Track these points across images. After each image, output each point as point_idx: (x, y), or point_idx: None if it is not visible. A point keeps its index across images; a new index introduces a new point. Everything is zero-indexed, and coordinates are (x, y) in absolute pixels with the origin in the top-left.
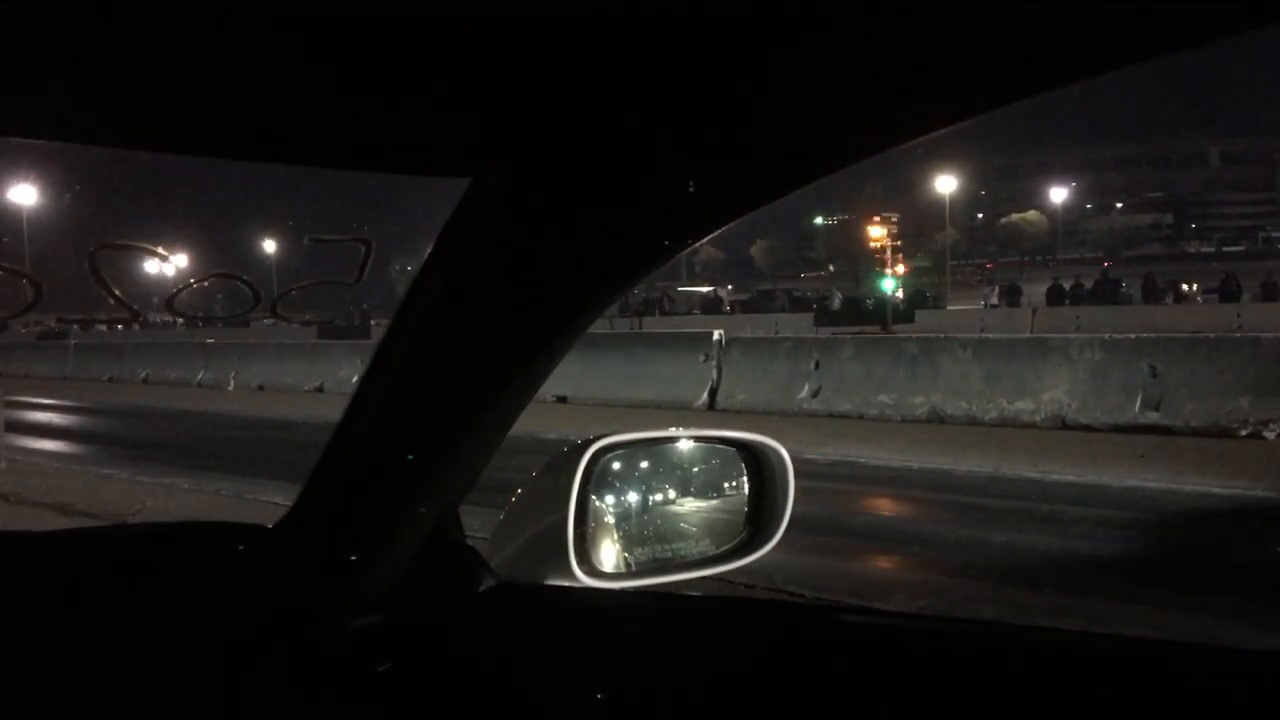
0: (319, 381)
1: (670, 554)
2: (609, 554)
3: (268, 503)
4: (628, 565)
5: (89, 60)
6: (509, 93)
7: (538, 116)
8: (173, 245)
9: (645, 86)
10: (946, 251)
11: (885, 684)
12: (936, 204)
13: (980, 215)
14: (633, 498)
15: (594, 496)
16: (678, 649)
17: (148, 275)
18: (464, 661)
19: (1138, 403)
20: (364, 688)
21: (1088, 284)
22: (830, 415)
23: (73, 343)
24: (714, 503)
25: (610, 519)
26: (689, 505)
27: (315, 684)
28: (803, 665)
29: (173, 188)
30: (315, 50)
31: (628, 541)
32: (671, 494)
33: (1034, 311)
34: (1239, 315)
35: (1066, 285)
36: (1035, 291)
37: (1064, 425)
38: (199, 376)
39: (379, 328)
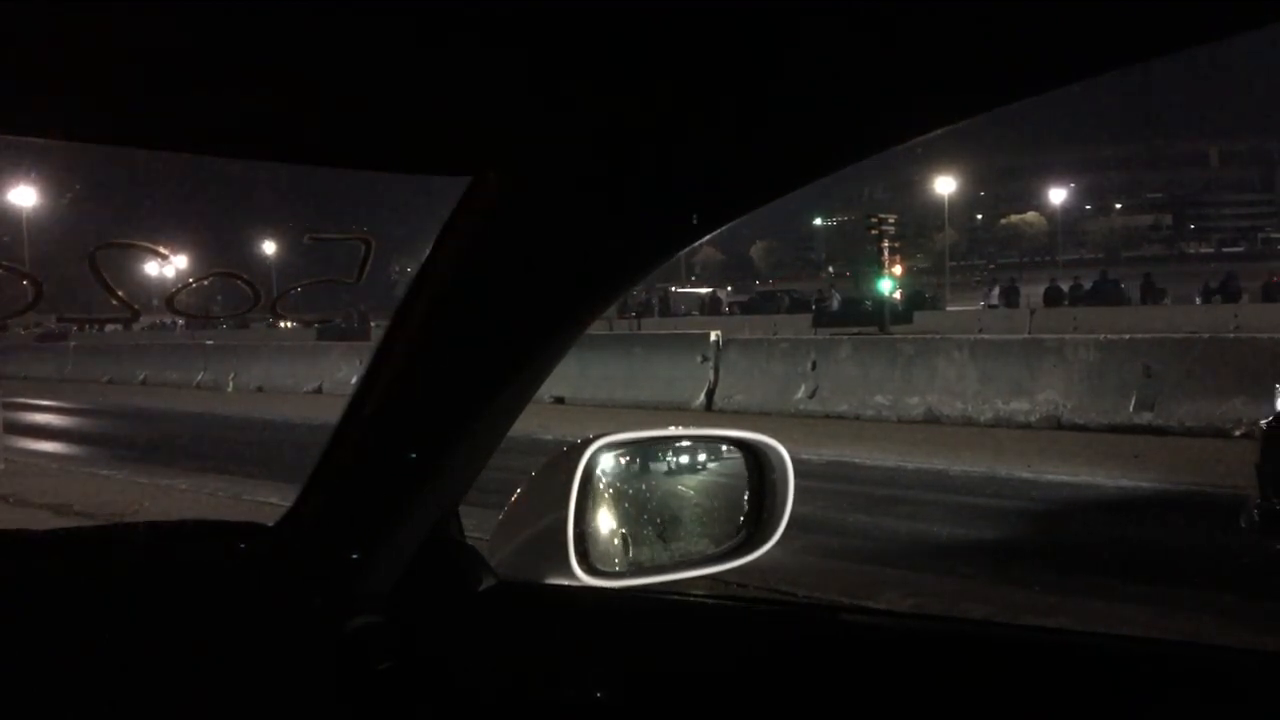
0: (318, 383)
1: (670, 553)
2: (608, 553)
3: (265, 503)
4: (627, 564)
5: (89, 60)
6: (509, 93)
7: (538, 116)
8: (172, 245)
9: (644, 87)
10: (945, 252)
11: (883, 683)
12: (936, 205)
13: (980, 216)
14: (632, 496)
15: (593, 495)
16: (677, 648)
17: (147, 275)
18: (464, 660)
19: (1132, 403)
20: (364, 687)
21: (1086, 284)
22: (827, 416)
23: (72, 344)
24: (713, 501)
25: (610, 518)
26: (688, 504)
27: (315, 683)
28: (801, 664)
29: (172, 188)
30: (315, 50)
31: (627, 540)
32: (671, 493)
33: (1032, 312)
34: (1236, 316)
35: (1065, 286)
36: (1034, 292)
37: (1059, 425)
38: (198, 378)
39: (379, 329)
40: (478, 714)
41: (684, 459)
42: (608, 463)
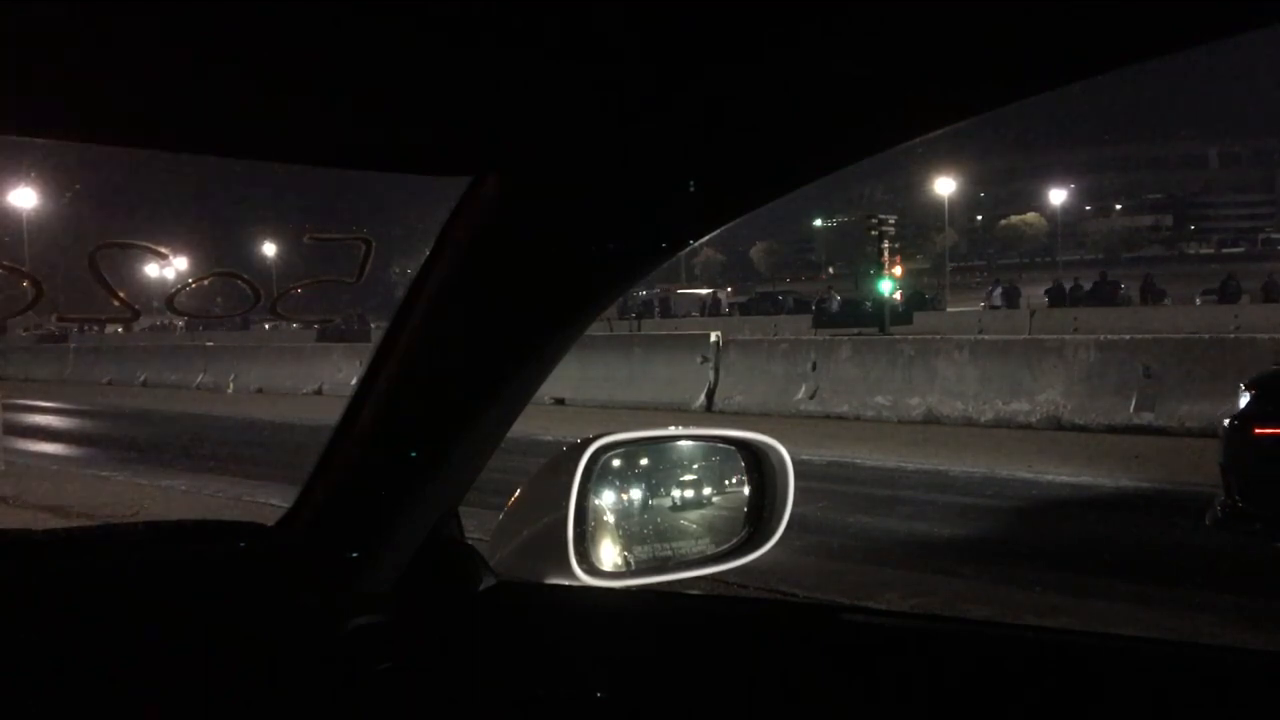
0: (318, 384)
1: (670, 553)
2: (609, 553)
3: (265, 504)
4: (628, 564)
5: (89, 60)
6: (509, 93)
7: (538, 116)
8: (172, 245)
9: (644, 86)
10: (945, 253)
11: (884, 682)
12: (936, 205)
13: (979, 217)
14: (633, 496)
15: (594, 495)
16: (677, 647)
17: (147, 275)
18: (464, 660)
19: (1132, 404)
20: (364, 686)
21: (1086, 285)
22: (827, 416)
23: (72, 346)
24: (714, 501)
25: (610, 518)
26: (689, 504)
27: (315, 682)
28: (801, 664)
29: (173, 188)
30: (315, 50)
31: (628, 540)
32: (671, 493)
33: (1032, 313)
34: (1236, 316)
35: (1066, 286)
36: (1034, 293)
37: (1059, 426)
38: (198, 379)
39: (379, 330)
40: (477, 714)
41: (684, 458)
42: (608, 462)
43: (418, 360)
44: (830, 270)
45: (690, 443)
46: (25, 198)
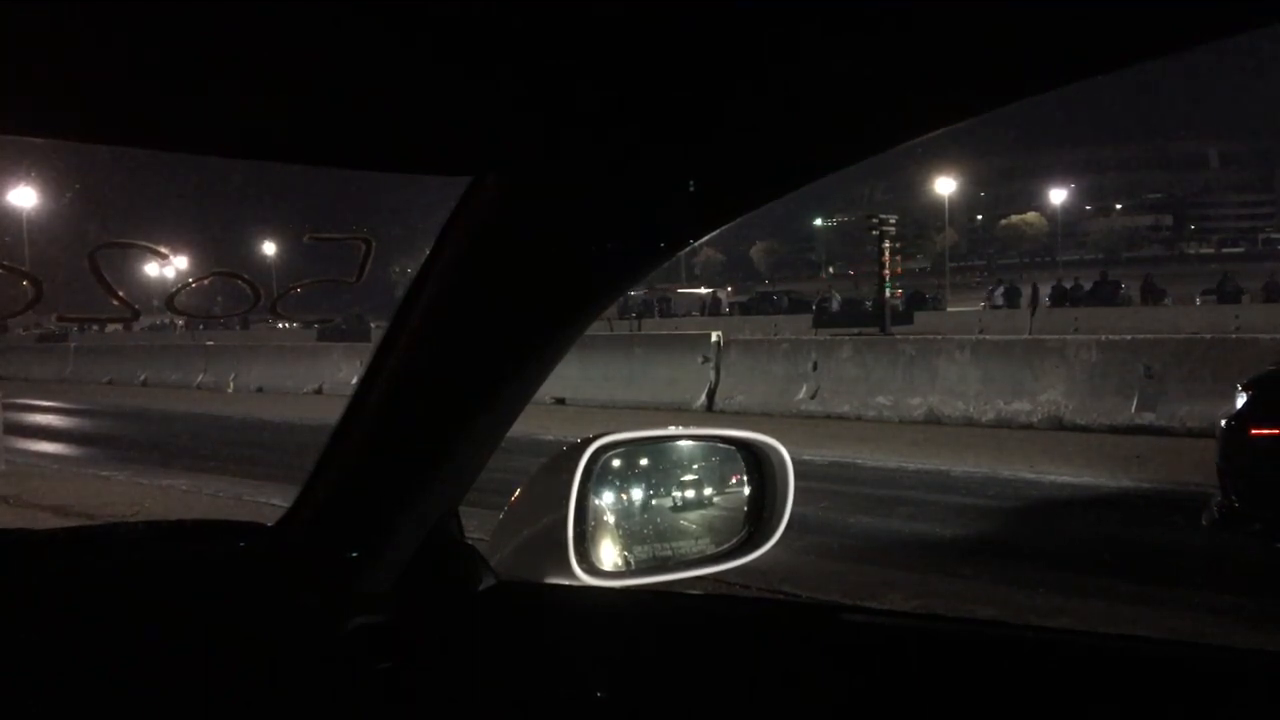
0: (318, 383)
1: (670, 552)
2: (609, 552)
3: (265, 504)
4: (627, 564)
5: (89, 59)
6: (509, 94)
7: (538, 116)
8: (172, 245)
9: (645, 86)
10: (945, 253)
11: (884, 682)
12: (936, 205)
13: (980, 217)
14: (633, 496)
15: (594, 495)
16: (677, 647)
17: (147, 275)
18: (464, 659)
19: (1134, 404)
20: (364, 686)
21: (1086, 285)
22: (828, 416)
23: (72, 345)
24: (714, 501)
25: (610, 517)
26: (689, 504)
27: (315, 682)
28: (802, 664)
29: (173, 187)
30: (316, 50)
31: (627, 540)
32: (671, 492)
33: (1033, 313)
34: (1237, 317)
35: (1067, 285)
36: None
37: (1061, 426)
38: (198, 379)
39: (379, 330)
40: (477, 712)
41: (684, 458)
42: (608, 462)
43: (418, 360)
44: (830, 270)
45: (690, 443)
46: (25, 198)
